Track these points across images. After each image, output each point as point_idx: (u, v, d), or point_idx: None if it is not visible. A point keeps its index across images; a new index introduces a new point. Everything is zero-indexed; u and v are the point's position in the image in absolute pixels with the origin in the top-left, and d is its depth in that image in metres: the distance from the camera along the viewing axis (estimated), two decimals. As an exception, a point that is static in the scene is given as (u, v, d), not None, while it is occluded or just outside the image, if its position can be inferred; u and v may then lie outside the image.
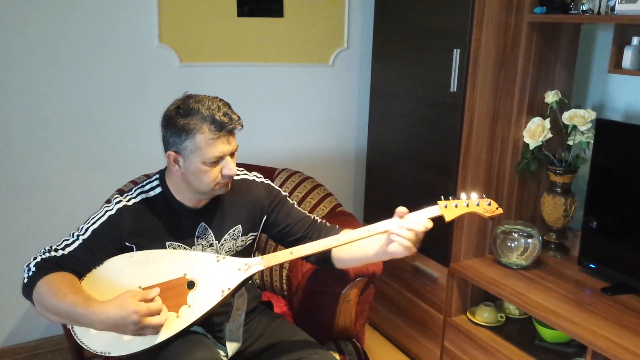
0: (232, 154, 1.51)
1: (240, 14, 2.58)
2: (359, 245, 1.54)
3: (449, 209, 1.46)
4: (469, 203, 1.48)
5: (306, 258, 1.66)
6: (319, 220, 1.72)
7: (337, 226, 1.72)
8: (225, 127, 1.45)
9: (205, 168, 1.47)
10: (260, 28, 2.64)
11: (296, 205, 1.74)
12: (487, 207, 1.49)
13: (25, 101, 2.28)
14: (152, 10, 2.40)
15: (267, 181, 1.73)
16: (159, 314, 1.39)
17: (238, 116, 1.50)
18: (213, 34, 2.55)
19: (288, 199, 1.73)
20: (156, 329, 1.39)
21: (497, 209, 1.49)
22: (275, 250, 2.17)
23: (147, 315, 1.36)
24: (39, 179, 2.37)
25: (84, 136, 2.41)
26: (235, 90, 2.65)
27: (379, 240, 1.50)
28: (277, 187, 1.73)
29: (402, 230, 1.42)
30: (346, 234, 1.53)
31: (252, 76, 2.69)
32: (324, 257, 1.65)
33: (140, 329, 1.36)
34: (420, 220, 1.43)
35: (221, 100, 1.51)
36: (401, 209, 1.45)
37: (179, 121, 1.45)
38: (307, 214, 1.73)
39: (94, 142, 2.43)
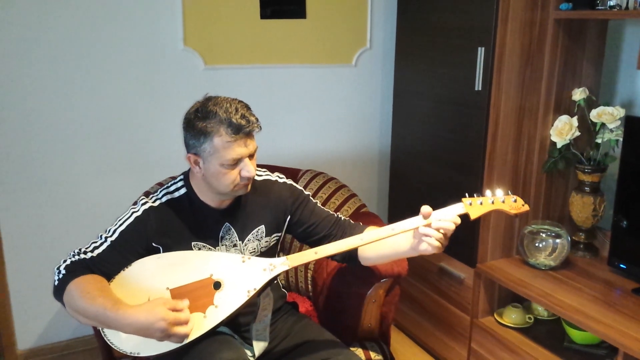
0: (250, 156, 1.52)
1: (263, 16, 2.59)
2: (386, 243, 1.53)
3: (473, 206, 1.44)
4: (494, 200, 1.46)
5: (331, 256, 1.66)
6: (343, 218, 1.73)
7: (361, 223, 1.72)
8: (242, 129, 1.46)
9: (223, 170, 1.49)
10: (283, 30, 2.65)
11: (319, 204, 1.74)
12: (512, 204, 1.46)
13: (53, 105, 2.32)
14: (176, 14, 2.43)
15: (290, 181, 1.73)
16: (186, 324, 1.41)
17: (256, 118, 1.50)
18: (237, 36, 2.57)
19: (311, 198, 1.74)
20: (181, 339, 1.41)
21: (523, 205, 1.46)
22: (299, 250, 2.18)
23: (175, 324, 1.38)
24: (68, 182, 2.42)
25: (110, 139, 2.45)
26: (259, 92, 2.67)
27: (407, 238, 1.49)
28: (299, 187, 1.74)
29: (432, 231, 1.42)
30: (370, 233, 1.53)
31: (275, 78, 2.70)
32: (350, 256, 1.65)
33: (166, 336, 1.39)
34: (449, 218, 1.42)
35: (240, 102, 1.51)
36: (426, 209, 1.44)
37: (197, 124, 1.47)
38: (331, 212, 1.73)
39: (121, 144, 2.47)
